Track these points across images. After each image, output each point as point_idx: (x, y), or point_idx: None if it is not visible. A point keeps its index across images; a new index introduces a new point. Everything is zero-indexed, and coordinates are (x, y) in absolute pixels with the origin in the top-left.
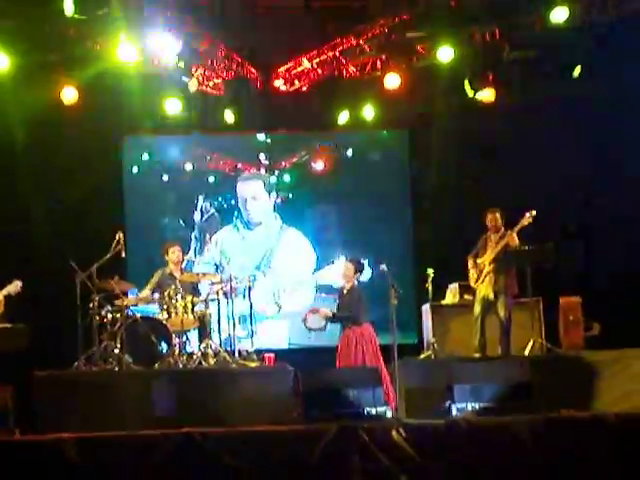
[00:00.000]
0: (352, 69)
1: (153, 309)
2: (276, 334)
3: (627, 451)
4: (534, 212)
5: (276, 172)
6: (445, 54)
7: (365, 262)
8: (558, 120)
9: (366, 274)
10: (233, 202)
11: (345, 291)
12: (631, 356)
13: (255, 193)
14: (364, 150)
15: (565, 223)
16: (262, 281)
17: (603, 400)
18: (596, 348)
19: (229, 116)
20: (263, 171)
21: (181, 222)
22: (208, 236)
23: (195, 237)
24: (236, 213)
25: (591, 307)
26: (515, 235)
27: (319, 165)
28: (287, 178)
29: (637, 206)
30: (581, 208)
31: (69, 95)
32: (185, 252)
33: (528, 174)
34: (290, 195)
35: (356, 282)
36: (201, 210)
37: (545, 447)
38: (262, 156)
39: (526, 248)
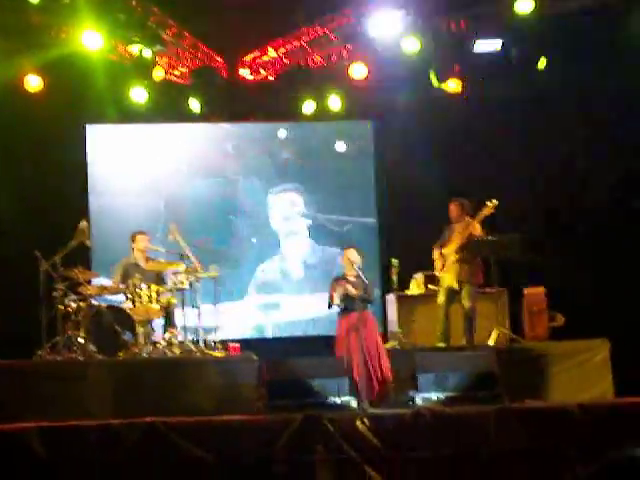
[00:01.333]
0: (318, 59)
1: (118, 298)
2: (243, 323)
3: (589, 440)
4: (495, 201)
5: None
6: (410, 44)
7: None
8: (525, 110)
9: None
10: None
11: (354, 277)
12: (594, 347)
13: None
14: (329, 140)
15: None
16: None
17: (566, 390)
18: (560, 339)
19: (194, 105)
20: (229, 161)
21: (146, 211)
22: (172, 225)
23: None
24: None
25: (555, 298)
26: (478, 225)
27: (284, 154)
28: (252, 165)
29: (602, 196)
30: (549, 198)
31: (33, 82)
32: (151, 241)
33: (495, 164)
34: (255, 183)
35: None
36: (165, 199)
37: (509, 437)
38: (229, 146)
39: (490, 238)
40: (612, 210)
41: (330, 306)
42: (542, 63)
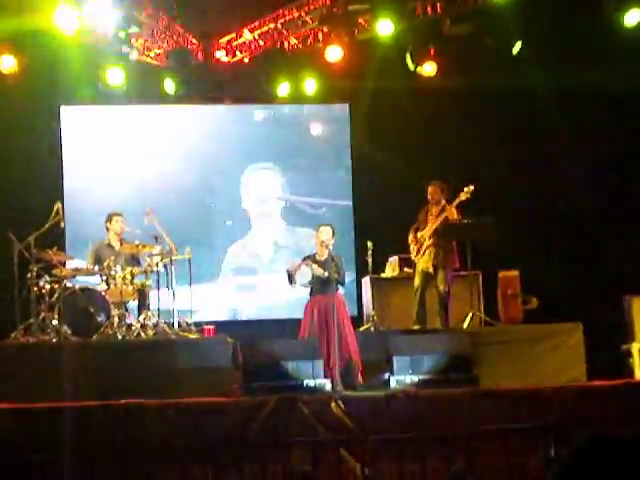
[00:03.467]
0: (294, 41)
1: (93, 280)
2: (218, 305)
3: (562, 423)
4: (472, 187)
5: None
6: (385, 27)
7: None
8: (500, 94)
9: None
10: None
11: (323, 257)
12: (568, 330)
13: None
14: (305, 123)
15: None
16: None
17: (540, 373)
18: (534, 322)
19: (169, 86)
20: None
21: (121, 193)
22: (147, 207)
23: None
24: None
25: (529, 281)
26: (454, 209)
27: (260, 136)
28: (228, 147)
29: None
30: (519, 183)
31: (7, 63)
32: (126, 223)
33: (470, 147)
34: (230, 165)
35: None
36: (141, 180)
37: (483, 419)
38: (204, 128)
39: (465, 222)
40: (581, 194)
41: (291, 282)
42: (517, 47)
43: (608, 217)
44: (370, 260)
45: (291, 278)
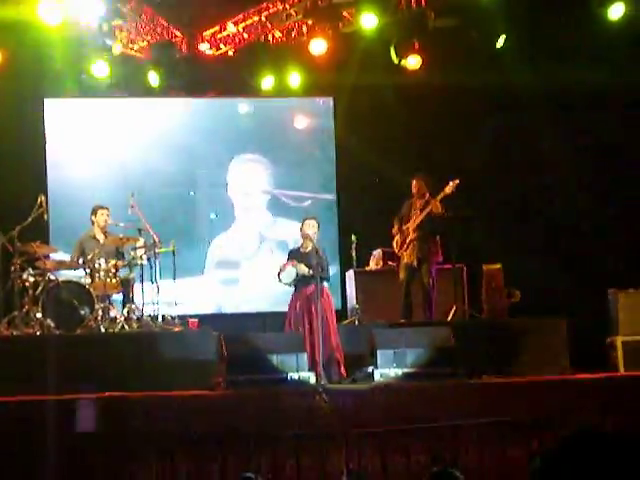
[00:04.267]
0: (278, 34)
1: (77, 273)
2: (202, 298)
3: (545, 416)
4: (457, 181)
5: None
6: (369, 20)
7: None
8: (485, 88)
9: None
10: None
11: (307, 250)
12: (552, 324)
13: None
14: (289, 116)
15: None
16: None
17: (524, 366)
18: (518, 315)
19: (153, 79)
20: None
21: (105, 186)
22: (131, 200)
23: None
24: None
25: (513, 275)
26: (438, 203)
27: (244, 129)
28: (212, 139)
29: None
30: (506, 177)
31: None
32: (111, 216)
33: (454, 140)
34: (214, 158)
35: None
36: (125, 173)
37: (466, 412)
38: (188, 121)
39: (449, 215)
40: (566, 188)
41: (280, 280)
42: (501, 41)
43: (593, 211)
44: (354, 253)
45: (279, 275)
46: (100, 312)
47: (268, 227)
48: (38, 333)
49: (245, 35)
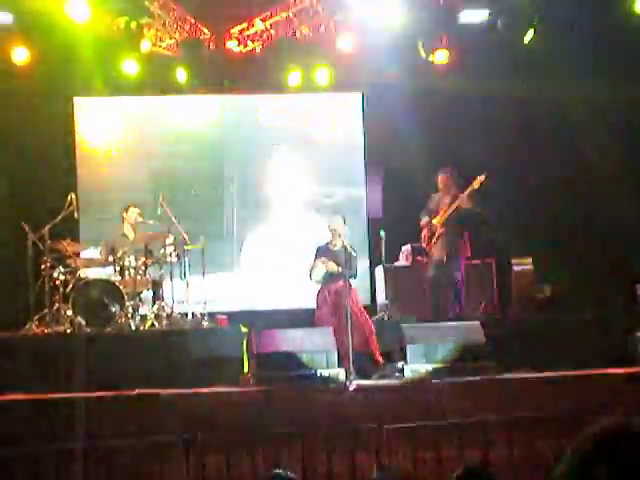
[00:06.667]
0: (306, 30)
1: (107, 271)
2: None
3: (575, 411)
4: (484, 176)
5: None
6: (398, 15)
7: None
8: (512, 82)
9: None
10: None
11: (336, 247)
12: (578, 318)
13: None
14: (318, 112)
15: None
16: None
17: (554, 361)
18: (546, 310)
19: (181, 77)
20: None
21: (135, 184)
22: (161, 197)
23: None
24: None
25: (543, 270)
26: (466, 198)
27: (274, 125)
28: (241, 136)
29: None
30: (539, 171)
31: (20, 55)
32: (141, 214)
33: (482, 136)
34: (244, 154)
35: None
36: (155, 171)
37: (496, 407)
38: (218, 117)
39: (477, 211)
40: (596, 183)
41: (311, 279)
42: (529, 35)
43: (625, 206)
44: (383, 249)
45: (310, 274)
46: (130, 309)
47: (298, 223)
48: (68, 331)
49: (273, 32)
